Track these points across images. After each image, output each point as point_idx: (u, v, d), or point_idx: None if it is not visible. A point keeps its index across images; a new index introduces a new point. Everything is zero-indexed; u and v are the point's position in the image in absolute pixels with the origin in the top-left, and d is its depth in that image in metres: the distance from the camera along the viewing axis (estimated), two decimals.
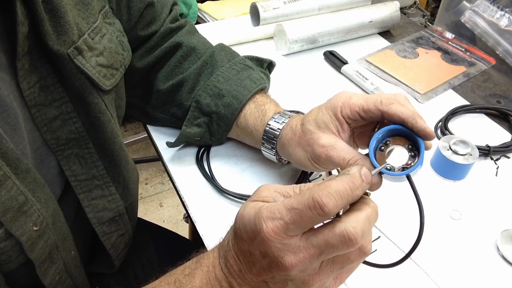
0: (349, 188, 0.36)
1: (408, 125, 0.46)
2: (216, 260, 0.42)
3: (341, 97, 0.52)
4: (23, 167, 0.41)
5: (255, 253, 0.37)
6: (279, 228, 0.35)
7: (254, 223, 0.36)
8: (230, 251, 0.40)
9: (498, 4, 0.94)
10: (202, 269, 0.41)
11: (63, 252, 0.48)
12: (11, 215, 0.39)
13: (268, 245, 0.36)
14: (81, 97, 0.49)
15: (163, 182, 1.97)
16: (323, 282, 0.38)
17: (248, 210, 0.38)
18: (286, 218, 0.35)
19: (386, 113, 0.48)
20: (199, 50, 0.70)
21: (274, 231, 0.35)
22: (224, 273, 0.40)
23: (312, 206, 0.34)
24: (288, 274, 0.36)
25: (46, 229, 0.44)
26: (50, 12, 0.44)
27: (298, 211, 0.35)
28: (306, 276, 0.37)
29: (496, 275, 0.56)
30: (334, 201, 0.34)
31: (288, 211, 0.35)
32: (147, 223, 0.89)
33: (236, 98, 0.64)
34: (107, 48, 0.53)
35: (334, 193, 0.35)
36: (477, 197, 0.66)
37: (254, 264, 0.38)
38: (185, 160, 0.69)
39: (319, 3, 1.01)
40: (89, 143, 0.51)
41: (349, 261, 0.38)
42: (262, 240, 0.36)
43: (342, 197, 0.35)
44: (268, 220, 0.36)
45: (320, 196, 0.34)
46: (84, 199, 0.53)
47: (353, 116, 0.50)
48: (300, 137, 0.55)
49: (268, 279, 0.38)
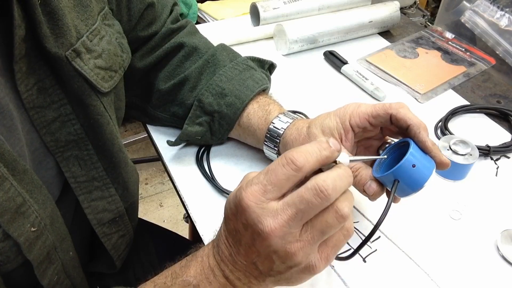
0: (317, 148, 0.39)
1: (411, 133, 0.48)
2: (210, 250, 0.43)
3: (350, 106, 0.54)
4: (21, 168, 0.41)
5: (240, 228, 0.39)
6: (257, 191, 0.37)
7: (235, 196, 0.39)
8: (221, 236, 0.41)
9: (498, 4, 0.94)
10: (196, 260, 0.43)
11: (61, 252, 0.48)
12: (8, 216, 0.40)
13: (248, 212, 0.37)
14: (79, 99, 0.49)
15: (163, 182, 1.97)
16: (306, 252, 0.38)
17: (233, 191, 0.40)
18: (264, 181, 0.37)
19: (394, 117, 0.50)
20: (200, 49, 0.70)
21: (252, 195, 0.37)
22: (217, 261, 0.42)
23: (285, 163, 0.37)
24: (269, 244, 0.37)
25: (44, 230, 0.44)
26: (48, 14, 0.44)
27: (273, 171, 0.38)
28: (288, 245, 0.38)
29: (496, 275, 0.56)
30: (304, 157, 0.38)
31: (264, 175, 0.38)
32: (147, 223, 0.89)
33: (239, 97, 0.64)
34: (105, 50, 0.52)
35: (303, 150, 0.38)
36: (477, 197, 0.66)
37: (240, 242, 0.39)
38: (185, 160, 0.69)
39: (319, 3, 1.01)
40: (88, 144, 0.51)
41: (328, 225, 0.38)
42: (243, 209, 0.38)
43: (311, 154, 0.38)
44: (247, 187, 0.38)
45: (292, 153, 0.38)
46: (84, 200, 0.53)
47: (362, 123, 0.52)
48: (304, 139, 0.56)
49: (255, 258, 0.39)
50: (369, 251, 0.58)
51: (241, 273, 0.41)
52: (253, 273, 0.40)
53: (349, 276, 0.55)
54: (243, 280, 0.41)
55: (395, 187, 0.46)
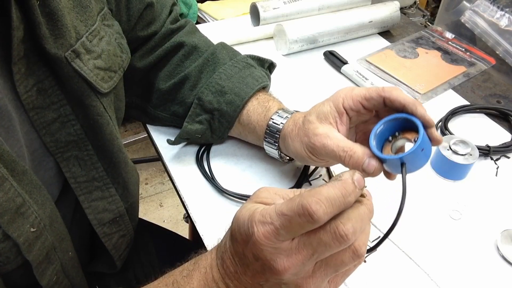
0: (340, 194, 0.35)
1: (408, 111, 0.47)
2: (213, 261, 0.42)
3: (344, 90, 0.53)
4: (20, 169, 0.41)
5: (249, 256, 0.37)
6: (269, 233, 0.35)
7: (247, 226, 0.37)
8: (227, 252, 0.40)
9: (498, 4, 0.94)
10: (199, 270, 0.41)
11: (60, 253, 0.48)
12: (8, 217, 0.39)
13: (260, 248, 0.36)
14: (79, 100, 0.49)
15: (163, 182, 1.97)
16: (317, 285, 0.38)
17: (243, 212, 0.38)
18: (276, 223, 0.35)
19: (388, 99, 0.49)
20: (200, 48, 0.70)
21: (264, 236, 0.35)
22: (221, 274, 0.40)
23: (302, 213, 0.34)
24: (281, 278, 0.36)
25: (44, 230, 0.44)
26: (47, 15, 0.44)
27: (287, 217, 0.34)
28: (300, 280, 0.37)
29: (496, 275, 0.56)
30: (324, 208, 0.34)
31: (278, 217, 0.35)
32: (147, 223, 0.89)
33: (239, 95, 0.64)
34: (105, 50, 0.52)
35: (324, 200, 0.34)
36: (477, 197, 0.66)
37: (248, 266, 0.38)
38: (185, 160, 0.69)
39: (319, 3, 1.01)
40: (88, 145, 0.51)
41: (343, 264, 0.37)
42: (254, 243, 0.36)
43: (333, 204, 0.34)
44: (260, 224, 0.36)
45: (310, 203, 0.34)
46: (84, 200, 0.54)
47: (356, 106, 0.51)
48: (299, 129, 0.56)
49: (263, 281, 0.38)
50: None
51: None
52: None
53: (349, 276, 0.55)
54: None
55: (405, 171, 0.45)
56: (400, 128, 0.48)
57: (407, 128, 0.47)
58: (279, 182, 0.66)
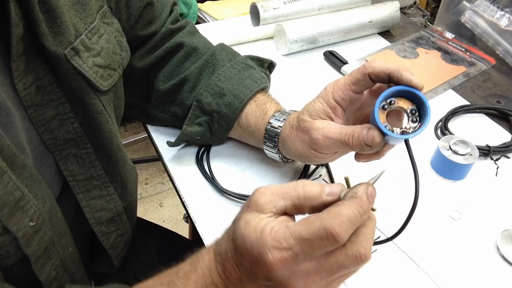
0: (358, 214, 0.35)
1: (395, 78, 0.47)
2: (212, 263, 0.40)
3: (329, 85, 0.53)
4: (19, 162, 0.41)
5: (259, 274, 0.36)
6: (287, 259, 0.34)
7: (257, 251, 0.35)
8: (229, 260, 0.39)
9: (498, 4, 0.94)
10: (197, 272, 0.40)
11: (59, 248, 0.48)
12: (7, 210, 0.39)
13: (274, 273, 0.35)
14: (78, 97, 0.49)
15: (163, 182, 1.97)
16: None
17: (249, 230, 0.36)
18: (295, 249, 0.34)
19: (372, 74, 0.49)
20: (200, 49, 0.70)
21: (281, 262, 0.34)
22: (222, 279, 0.39)
23: (325, 237, 0.33)
24: None
25: (42, 225, 0.44)
26: (46, 12, 0.44)
27: (309, 242, 0.34)
28: None
29: (496, 275, 0.56)
30: (347, 229, 0.34)
31: (296, 241, 0.34)
32: (147, 223, 0.89)
33: (237, 97, 0.64)
34: (104, 48, 0.52)
35: (346, 221, 0.34)
36: (477, 197, 0.66)
37: (256, 280, 0.37)
38: (185, 160, 0.69)
39: (319, 3, 1.01)
40: (87, 143, 0.51)
41: (352, 273, 0.38)
42: (268, 268, 0.35)
43: (353, 224, 0.35)
44: (275, 251, 0.34)
45: (333, 225, 0.33)
46: (82, 199, 0.53)
47: (346, 94, 0.52)
48: (296, 130, 0.56)
49: None
50: None
51: None
52: None
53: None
54: None
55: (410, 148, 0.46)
56: (395, 95, 0.48)
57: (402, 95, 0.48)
58: (279, 182, 0.66)
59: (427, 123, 0.46)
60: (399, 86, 0.47)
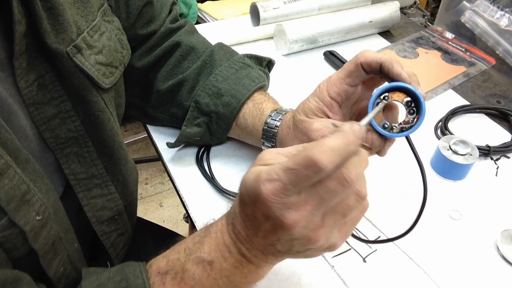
0: (342, 143, 0.35)
1: (385, 69, 0.47)
2: (224, 227, 0.42)
3: (323, 83, 0.53)
4: (23, 157, 0.42)
5: (258, 216, 0.38)
6: (277, 189, 0.36)
7: (254, 187, 0.37)
8: (237, 217, 0.40)
9: (498, 4, 0.94)
10: (210, 236, 0.42)
11: (66, 243, 0.48)
12: (14, 204, 0.39)
13: (268, 206, 0.36)
14: (80, 95, 0.49)
15: (163, 182, 1.97)
16: (328, 236, 0.38)
17: (249, 175, 0.38)
18: (284, 179, 0.35)
19: (364, 64, 0.49)
20: (198, 49, 0.70)
21: (272, 193, 0.36)
22: (232, 239, 0.41)
23: (308, 164, 0.34)
24: (292, 233, 0.36)
25: (48, 219, 0.44)
26: (48, 10, 0.44)
27: (294, 171, 0.35)
28: (310, 232, 0.37)
29: (496, 275, 0.56)
30: (329, 157, 0.34)
31: (284, 172, 0.35)
32: (147, 222, 0.89)
33: (235, 97, 0.64)
34: (106, 46, 0.53)
35: (328, 149, 0.34)
36: (477, 197, 0.66)
37: (259, 227, 0.38)
38: (185, 160, 0.69)
39: (319, 3, 1.01)
40: (88, 141, 0.51)
41: (349, 208, 0.38)
42: (262, 202, 0.36)
43: (336, 152, 0.35)
44: (266, 182, 0.36)
45: (314, 153, 0.34)
46: (83, 197, 0.53)
47: (341, 89, 0.52)
48: (294, 130, 0.56)
49: (275, 241, 0.38)
50: (369, 251, 0.58)
51: (258, 251, 0.40)
52: (271, 251, 0.40)
53: (349, 276, 0.55)
54: (259, 257, 0.41)
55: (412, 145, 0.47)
56: (388, 91, 0.48)
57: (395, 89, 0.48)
58: None
59: (424, 115, 0.46)
60: (390, 84, 0.47)
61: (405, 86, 0.46)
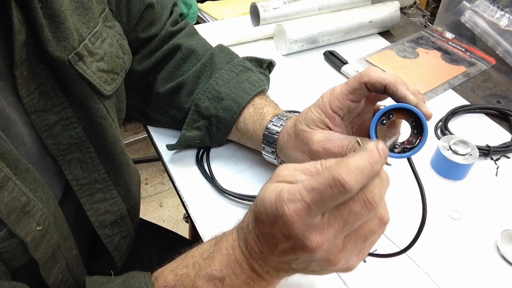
0: (368, 164, 0.34)
1: (390, 91, 0.47)
2: (235, 242, 0.41)
3: (326, 94, 0.53)
4: (23, 167, 0.41)
5: (277, 236, 0.37)
6: (301, 210, 0.35)
7: (275, 207, 0.36)
8: (251, 233, 0.40)
9: (498, 4, 0.94)
10: (221, 252, 0.41)
11: (65, 251, 0.48)
12: (14, 216, 0.39)
13: (291, 227, 0.35)
14: (81, 102, 0.49)
15: (163, 182, 1.97)
16: (347, 259, 0.38)
17: (268, 193, 0.37)
18: (307, 199, 0.34)
19: (368, 83, 0.48)
20: (198, 52, 0.69)
21: (296, 213, 0.35)
22: (245, 255, 0.40)
23: (333, 185, 0.33)
24: (313, 255, 0.36)
25: (49, 228, 0.44)
26: (49, 18, 0.44)
27: (319, 191, 0.34)
28: (331, 255, 0.37)
29: (496, 275, 0.56)
30: (355, 178, 0.33)
31: (308, 192, 0.35)
32: (147, 223, 0.89)
33: (236, 101, 0.64)
34: (107, 53, 0.52)
35: (354, 169, 0.34)
36: (477, 197, 0.66)
37: (277, 246, 0.38)
38: (185, 161, 0.69)
39: (319, 3, 1.01)
40: (90, 147, 0.51)
41: (371, 233, 0.37)
42: (285, 222, 0.35)
43: (363, 173, 0.34)
44: (290, 203, 0.35)
45: (341, 173, 0.33)
46: (86, 202, 0.53)
47: (343, 104, 0.51)
48: (295, 139, 0.56)
49: (291, 260, 0.38)
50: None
51: (271, 268, 0.40)
52: (284, 268, 0.40)
53: (349, 276, 0.55)
54: (271, 273, 0.40)
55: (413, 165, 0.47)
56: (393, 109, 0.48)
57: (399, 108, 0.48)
58: None
59: (426, 137, 0.46)
60: (395, 104, 0.47)
61: (409, 108, 0.46)
